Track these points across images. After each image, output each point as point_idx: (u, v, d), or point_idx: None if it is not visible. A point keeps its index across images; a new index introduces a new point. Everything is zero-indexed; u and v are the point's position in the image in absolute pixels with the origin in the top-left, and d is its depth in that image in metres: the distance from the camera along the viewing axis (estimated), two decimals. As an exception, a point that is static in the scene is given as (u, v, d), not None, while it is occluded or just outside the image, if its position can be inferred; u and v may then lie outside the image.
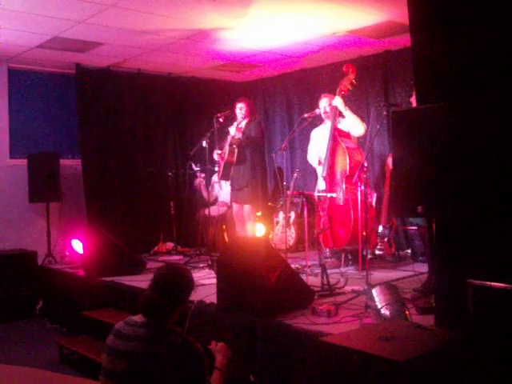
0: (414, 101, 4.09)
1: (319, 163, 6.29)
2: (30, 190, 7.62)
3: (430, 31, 3.58)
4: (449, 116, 3.18)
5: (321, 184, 6.24)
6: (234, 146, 6.69)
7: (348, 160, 5.96)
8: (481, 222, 3.23)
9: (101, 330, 5.23)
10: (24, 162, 7.68)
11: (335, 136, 6.12)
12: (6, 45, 6.83)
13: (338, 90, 6.22)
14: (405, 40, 6.29)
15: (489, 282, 2.88)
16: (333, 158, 6.09)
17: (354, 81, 6.21)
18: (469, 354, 2.93)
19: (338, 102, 6.18)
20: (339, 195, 6.01)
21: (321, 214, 6.19)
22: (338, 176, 6.06)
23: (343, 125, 6.26)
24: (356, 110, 6.68)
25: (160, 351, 2.76)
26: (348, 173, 5.96)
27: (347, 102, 6.38)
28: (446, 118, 3.18)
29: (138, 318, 2.93)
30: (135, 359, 2.77)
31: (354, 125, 6.20)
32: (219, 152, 6.86)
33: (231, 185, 7.00)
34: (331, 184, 6.11)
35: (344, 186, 5.97)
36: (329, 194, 6.03)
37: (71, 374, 5.03)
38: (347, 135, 6.21)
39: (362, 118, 6.47)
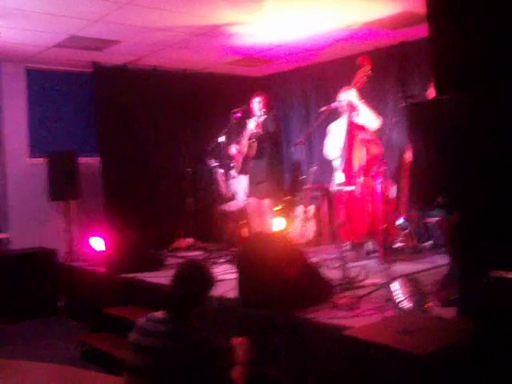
0: (429, 94, 4.06)
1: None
2: (50, 189, 7.69)
3: (447, 20, 3.54)
4: (467, 107, 3.15)
5: (338, 177, 6.22)
6: (253, 141, 6.69)
7: (365, 152, 5.93)
8: (503, 213, 3.20)
9: (122, 326, 5.24)
10: (43, 160, 7.74)
11: (351, 129, 6.08)
12: (23, 45, 6.87)
13: (352, 82, 6.17)
14: (421, 31, 6.22)
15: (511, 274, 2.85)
16: (350, 151, 6.06)
17: (369, 73, 6.16)
18: (491, 345, 2.91)
19: (352, 95, 6.14)
20: (357, 188, 5.98)
21: (339, 207, 6.17)
22: (356, 169, 6.03)
23: (360, 118, 6.23)
24: (372, 103, 6.63)
25: (182, 347, 2.77)
26: (365, 165, 5.92)
27: (363, 94, 6.33)
28: (465, 109, 3.15)
29: (159, 314, 2.95)
30: (158, 355, 2.79)
31: (368, 118, 6.16)
32: (237, 147, 6.87)
33: (249, 179, 7.00)
34: (349, 177, 6.08)
35: (362, 179, 5.94)
36: (346, 188, 5.99)
37: (93, 369, 5.07)
38: (363, 128, 6.18)
39: (378, 111, 6.42)
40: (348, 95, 6.22)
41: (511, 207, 3.14)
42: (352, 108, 6.16)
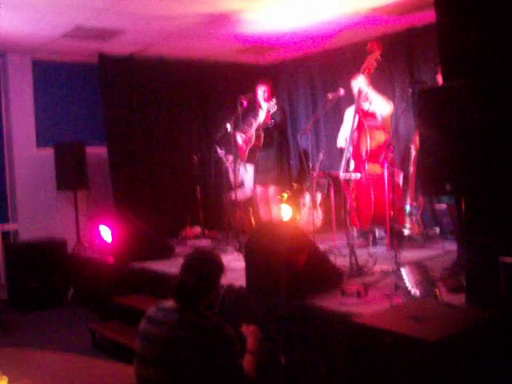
0: (440, 78, 4.03)
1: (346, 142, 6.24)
2: (58, 179, 7.72)
3: (455, 5, 3.52)
4: (475, 93, 3.13)
5: (347, 164, 6.19)
6: (261, 131, 6.72)
7: (369, 139, 5.91)
8: (511, 199, 3.19)
9: (132, 315, 5.29)
10: (51, 151, 7.76)
11: (359, 116, 6.06)
12: (29, 36, 6.87)
13: (362, 68, 6.11)
14: (429, 15, 6.17)
15: (520, 260, 2.85)
16: (357, 138, 6.04)
17: (379, 58, 6.09)
18: (500, 332, 2.91)
19: (361, 81, 6.10)
20: (363, 175, 5.96)
21: (347, 194, 6.16)
22: (362, 156, 6.01)
23: (371, 105, 6.18)
24: (380, 89, 6.59)
25: (193, 336, 2.79)
26: (369, 152, 5.91)
27: (372, 81, 6.28)
28: (473, 95, 3.13)
29: (170, 303, 2.96)
30: (168, 344, 2.80)
31: (379, 105, 6.13)
32: (243, 136, 6.88)
33: (256, 168, 7.02)
34: (356, 164, 6.07)
35: (367, 166, 5.92)
36: (353, 175, 5.98)
37: (104, 358, 5.10)
38: (372, 115, 6.15)
39: (388, 97, 6.38)
40: (357, 82, 6.17)
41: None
42: (361, 94, 6.12)
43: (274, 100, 6.59)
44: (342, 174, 6.07)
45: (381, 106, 6.13)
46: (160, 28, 6.89)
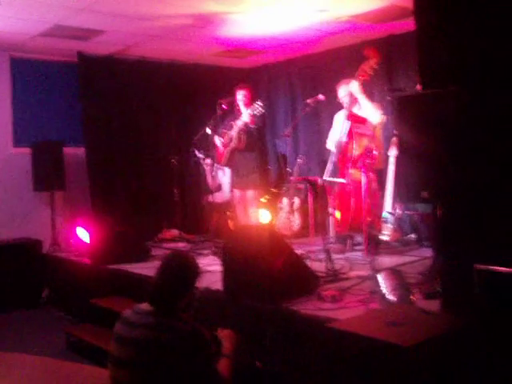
0: (419, 86, 4.06)
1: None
2: (34, 179, 7.65)
3: (434, 14, 3.55)
4: (454, 100, 3.16)
5: (331, 168, 6.19)
6: (242, 133, 6.72)
7: (355, 145, 5.93)
8: (486, 207, 3.23)
9: (107, 317, 5.24)
10: (28, 150, 7.69)
11: (350, 122, 6.03)
12: (7, 33, 6.81)
13: (356, 74, 6.09)
14: (408, 24, 6.23)
15: (495, 267, 2.88)
16: (346, 143, 6.04)
17: (374, 66, 6.06)
18: (475, 338, 2.94)
19: (353, 86, 6.08)
20: (346, 180, 5.99)
21: (329, 199, 6.18)
22: (348, 161, 6.04)
23: (362, 111, 6.18)
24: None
25: (168, 339, 2.77)
26: (353, 158, 5.93)
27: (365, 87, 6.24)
28: (452, 103, 3.17)
29: (145, 306, 2.95)
30: (143, 347, 2.79)
31: (369, 111, 6.11)
32: (221, 139, 6.89)
33: (235, 171, 7.02)
34: (341, 169, 6.09)
35: (350, 171, 5.95)
36: (337, 180, 6.00)
37: (78, 361, 5.06)
38: (362, 120, 6.12)
39: (379, 105, 6.34)
40: (348, 87, 6.15)
41: (495, 201, 3.18)
42: (353, 100, 6.10)
43: (260, 103, 6.56)
44: (326, 178, 6.10)
45: (371, 113, 6.11)
46: (140, 29, 6.87)
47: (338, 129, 6.22)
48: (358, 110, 6.19)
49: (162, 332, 2.80)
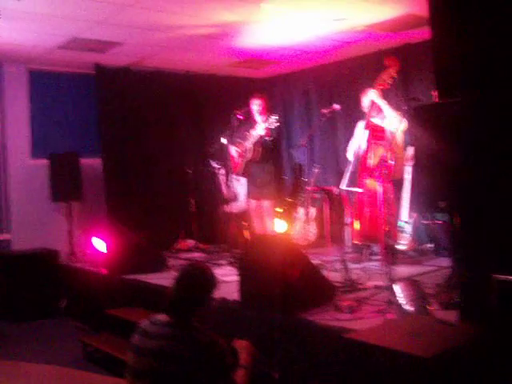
0: (435, 97, 4.05)
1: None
2: (52, 190, 7.71)
3: (449, 23, 3.54)
4: (471, 110, 3.15)
5: (349, 178, 6.16)
6: (258, 145, 6.73)
7: (371, 154, 5.91)
8: (505, 217, 3.20)
9: (124, 327, 5.26)
10: (45, 161, 7.76)
11: (369, 131, 6.00)
12: (26, 46, 6.88)
13: (375, 83, 6.07)
14: (424, 33, 6.22)
15: (513, 277, 2.85)
16: (365, 153, 6.01)
17: (394, 74, 6.04)
18: (493, 349, 2.91)
19: (372, 95, 6.07)
20: (363, 190, 5.96)
21: (346, 208, 6.15)
22: (363, 170, 6.01)
23: (384, 121, 6.14)
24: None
25: (185, 349, 2.77)
26: (370, 167, 5.91)
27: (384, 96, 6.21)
28: (469, 112, 3.15)
29: (162, 316, 2.95)
30: (161, 358, 2.79)
31: (392, 119, 6.06)
32: (238, 150, 6.90)
33: (251, 181, 7.02)
34: (359, 178, 6.06)
35: (366, 181, 5.93)
36: (354, 189, 5.98)
37: (95, 371, 5.07)
38: (381, 130, 6.07)
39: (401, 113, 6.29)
40: (368, 96, 6.14)
41: (514, 211, 3.15)
42: (373, 109, 6.08)
43: (276, 116, 6.57)
44: (343, 187, 6.07)
45: (394, 121, 6.06)
46: (156, 41, 6.92)
47: (358, 138, 6.20)
48: (381, 119, 6.14)
49: (179, 343, 2.79)
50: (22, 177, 7.72)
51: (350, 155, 6.37)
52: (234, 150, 7.00)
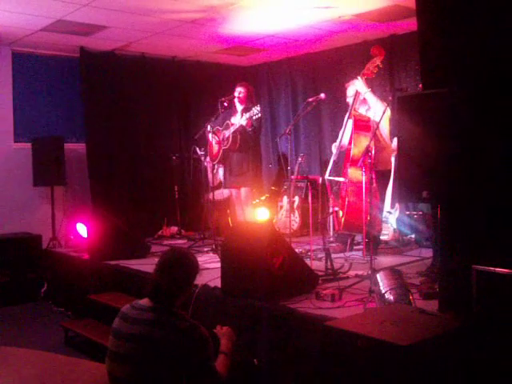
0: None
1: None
2: (35, 174, 7.65)
3: (436, 15, 3.56)
4: (456, 100, 3.17)
5: (333, 167, 6.17)
6: (238, 134, 6.72)
7: (353, 145, 5.92)
8: (486, 208, 3.23)
9: (105, 313, 5.26)
10: (28, 145, 7.70)
11: (353, 120, 6.00)
12: (9, 28, 6.80)
13: (361, 72, 6.06)
14: (411, 24, 6.24)
15: (493, 268, 2.88)
16: (349, 143, 6.01)
17: (380, 64, 6.03)
18: (472, 338, 2.94)
19: (358, 84, 6.05)
20: (346, 179, 5.98)
21: (329, 198, 6.17)
22: (348, 160, 6.02)
23: (370, 110, 6.14)
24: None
25: (166, 335, 2.78)
26: (353, 157, 5.91)
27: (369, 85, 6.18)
28: (453, 103, 3.17)
29: (144, 301, 2.95)
30: (141, 342, 2.79)
31: (377, 109, 6.03)
32: (216, 138, 6.88)
33: (229, 170, 7.03)
34: (343, 168, 6.07)
35: (349, 170, 5.94)
36: (337, 178, 6.00)
37: (76, 356, 5.06)
38: (366, 119, 6.05)
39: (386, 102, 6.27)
40: (354, 85, 6.12)
41: (495, 202, 3.18)
42: (357, 99, 6.06)
43: (258, 107, 6.54)
44: (327, 177, 6.09)
45: (378, 111, 6.05)
46: (143, 25, 6.87)
47: (343, 128, 6.21)
48: (366, 109, 6.14)
49: (160, 328, 2.80)
50: (4, 160, 7.63)
51: (335, 146, 6.38)
52: (212, 138, 6.97)
